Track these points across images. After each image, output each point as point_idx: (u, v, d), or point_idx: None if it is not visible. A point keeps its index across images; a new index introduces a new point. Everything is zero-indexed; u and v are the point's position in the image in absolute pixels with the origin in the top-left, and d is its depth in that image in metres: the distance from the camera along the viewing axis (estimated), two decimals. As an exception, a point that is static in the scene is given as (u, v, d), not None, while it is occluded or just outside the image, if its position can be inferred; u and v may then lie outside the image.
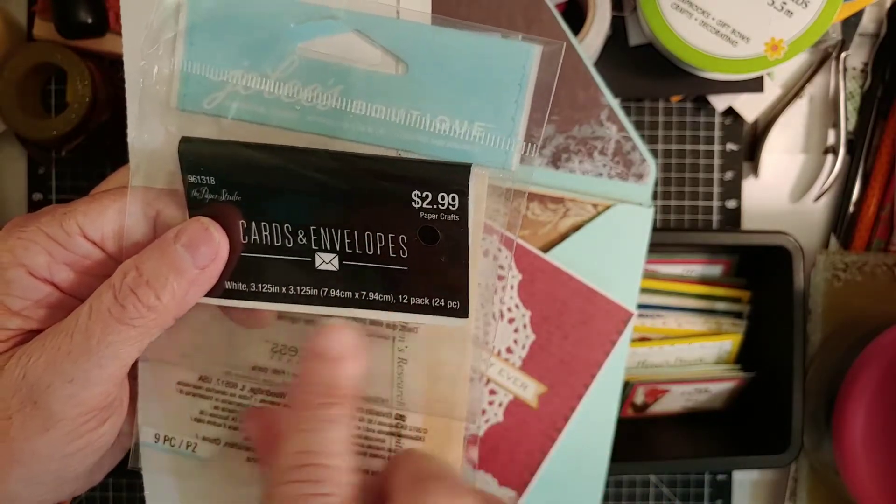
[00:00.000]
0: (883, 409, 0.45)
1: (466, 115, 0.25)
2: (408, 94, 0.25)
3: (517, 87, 0.25)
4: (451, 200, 0.24)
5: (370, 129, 0.25)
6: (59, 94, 0.49)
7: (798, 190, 0.53)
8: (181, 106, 0.25)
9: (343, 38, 0.25)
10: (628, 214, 0.39)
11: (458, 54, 0.25)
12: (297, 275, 0.25)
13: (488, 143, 0.25)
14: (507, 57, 0.25)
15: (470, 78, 0.25)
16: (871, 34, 0.52)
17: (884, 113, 0.52)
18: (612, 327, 0.39)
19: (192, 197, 0.25)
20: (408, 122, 0.25)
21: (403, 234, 0.25)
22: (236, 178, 0.25)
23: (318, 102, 0.25)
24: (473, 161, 0.25)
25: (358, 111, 0.25)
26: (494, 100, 0.25)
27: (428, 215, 0.24)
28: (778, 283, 0.48)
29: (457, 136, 0.25)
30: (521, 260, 0.38)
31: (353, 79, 0.25)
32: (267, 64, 0.25)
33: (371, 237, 0.25)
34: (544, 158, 0.39)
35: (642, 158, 0.39)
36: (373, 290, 0.26)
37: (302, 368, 0.25)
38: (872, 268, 0.51)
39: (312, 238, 0.25)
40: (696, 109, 0.52)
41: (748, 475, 0.54)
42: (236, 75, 0.25)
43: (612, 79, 0.49)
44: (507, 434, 0.39)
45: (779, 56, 0.45)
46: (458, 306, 0.26)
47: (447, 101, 0.25)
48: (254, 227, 0.25)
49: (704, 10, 0.44)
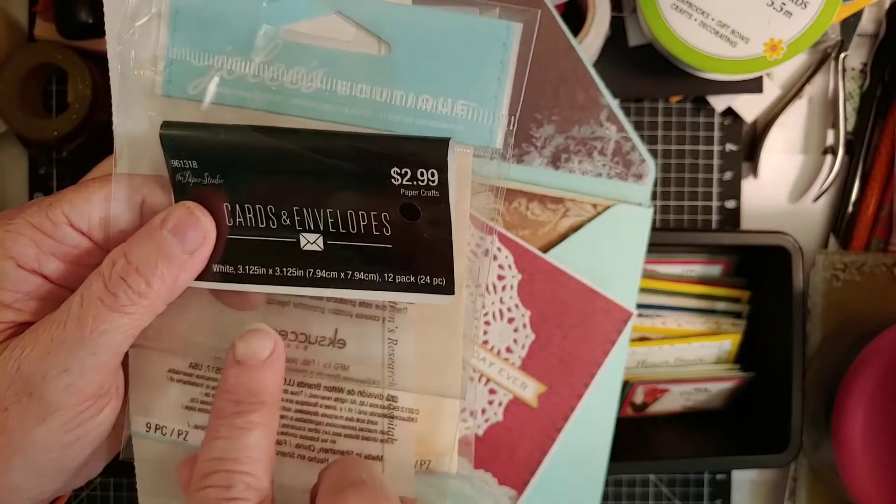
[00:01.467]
0: (882, 408, 0.45)
1: (449, 93, 0.25)
2: (391, 74, 0.25)
3: (499, 64, 0.25)
4: (431, 176, 0.24)
5: (355, 111, 0.25)
6: (59, 94, 0.49)
7: (797, 190, 0.54)
8: (166, 92, 0.25)
9: (326, 20, 0.25)
10: (628, 214, 0.39)
11: (440, 33, 0.25)
12: (282, 256, 0.26)
13: (472, 120, 0.26)
14: (488, 34, 0.25)
15: (452, 56, 0.25)
16: (870, 35, 0.52)
17: (883, 113, 0.52)
18: (611, 327, 0.39)
19: (176, 181, 0.25)
20: (391, 101, 0.25)
21: (385, 212, 0.25)
22: (218, 160, 0.25)
23: (303, 85, 0.25)
24: (458, 138, 0.25)
25: (342, 92, 0.25)
26: (477, 78, 0.25)
27: (409, 192, 0.24)
28: (777, 283, 0.48)
29: (440, 115, 0.25)
30: (521, 260, 0.38)
31: (336, 60, 0.25)
32: (250, 48, 0.25)
33: (353, 216, 0.25)
34: (544, 158, 0.39)
35: (642, 159, 0.40)
36: (358, 269, 0.26)
37: (222, 375, 0.25)
38: (871, 268, 0.51)
39: (296, 218, 0.25)
40: (695, 110, 0.52)
41: (747, 475, 0.54)
42: (220, 60, 0.25)
43: (611, 79, 0.49)
44: (506, 433, 0.39)
45: (778, 56, 0.45)
46: (443, 283, 0.26)
47: (430, 80, 0.25)
48: (238, 210, 0.25)
49: (704, 10, 0.45)
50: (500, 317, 0.39)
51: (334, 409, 0.28)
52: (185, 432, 0.28)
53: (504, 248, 0.38)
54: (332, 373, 0.28)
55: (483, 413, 0.39)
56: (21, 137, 0.47)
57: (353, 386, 0.28)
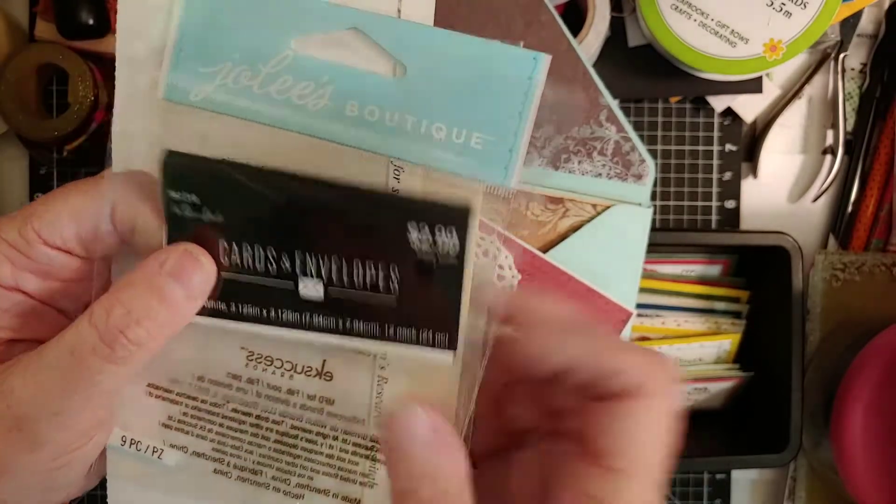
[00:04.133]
0: (881, 408, 0.45)
1: (465, 124, 0.24)
2: (404, 98, 0.24)
3: (522, 97, 0.24)
4: (450, 242, 0.23)
5: (362, 134, 0.24)
6: (60, 94, 0.49)
7: (797, 190, 0.54)
8: (167, 96, 0.24)
9: (340, 36, 0.24)
10: (627, 214, 0.39)
11: (460, 59, 0.24)
12: (279, 299, 0.24)
13: (487, 156, 0.24)
14: (512, 65, 0.24)
15: (471, 85, 0.24)
16: (869, 35, 0.52)
17: (882, 113, 0.52)
18: (611, 327, 0.39)
19: (171, 213, 0.24)
20: (402, 127, 0.24)
21: (396, 265, 0.24)
22: (221, 198, 0.23)
23: (310, 101, 0.24)
24: (468, 174, 0.24)
25: (350, 113, 0.24)
26: (497, 110, 0.24)
27: (424, 251, 0.23)
28: (777, 282, 0.48)
29: (453, 146, 0.24)
30: (521, 260, 0.38)
31: (347, 78, 0.24)
32: (258, 58, 0.24)
33: (360, 266, 0.24)
34: (544, 159, 0.39)
35: (641, 159, 0.40)
36: (358, 318, 0.25)
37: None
38: (871, 268, 0.51)
39: (297, 263, 0.24)
40: (695, 110, 0.52)
41: (747, 474, 0.54)
42: (225, 67, 0.24)
43: (611, 79, 0.49)
44: (506, 433, 0.39)
45: (777, 57, 0.45)
46: (445, 339, 0.25)
47: (445, 108, 0.24)
48: (235, 249, 0.24)
49: (703, 10, 0.45)
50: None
51: (315, 444, 0.27)
52: (161, 450, 0.27)
53: (503, 248, 0.38)
54: (317, 406, 0.26)
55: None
56: (21, 137, 0.47)
57: (337, 422, 0.26)
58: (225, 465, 0.27)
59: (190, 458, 0.27)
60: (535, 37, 0.39)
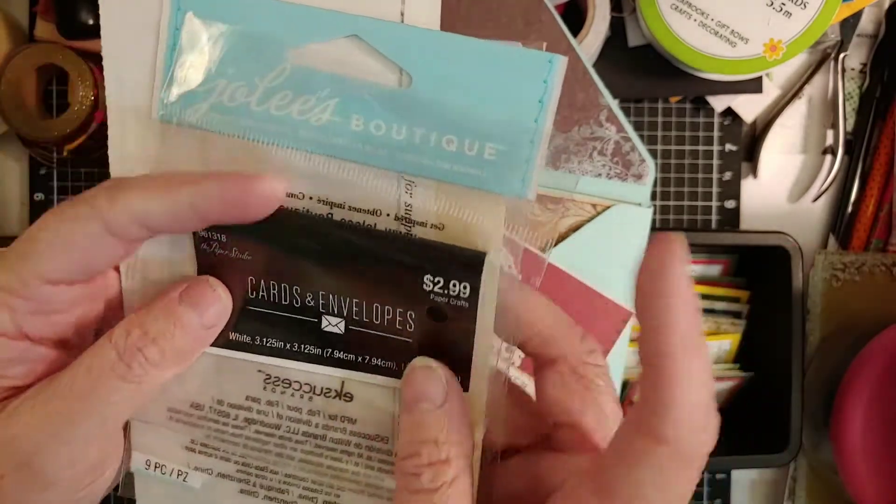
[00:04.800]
0: (881, 408, 0.45)
1: (478, 134, 0.22)
2: (411, 109, 0.23)
3: (537, 104, 0.22)
4: (463, 288, 0.23)
5: (368, 149, 0.23)
6: (60, 94, 0.49)
7: (797, 190, 0.54)
8: (162, 117, 0.23)
9: (340, 45, 0.23)
10: (627, 214, 0.39)
11: (470, 65, 0.22)
12: (302, 333, 0.25)
13: (502, 167, 0.23)
14: (526, 68, 0.22)
15: (483, 92, 0.22)
16: (869, 35, 0.52)
17: (882, 113, 0.52)
18: (611, 327, 0.39)
19: (201, 250, 0.24)
20: (410, 140, 0.23)
21: (411, 311, 0.24)
22: (249, 237, 0.24)
23: (311, 116, 0.23)
24: (485, 187, 0.23)
25: (356, 127, 0.23)
26: (511, 118, 0.22)
27: (438, 298, 0.23)
28: (776, 282, 0.48)
29: (466, 159, 0.23)
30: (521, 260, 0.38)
31: (350, 90, 0.23)
32: (254, 72, 0.23)
33: (379, 308, 0.24)
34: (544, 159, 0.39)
35: (641, 159, 0.40)
36: (377, 356, 0.25)
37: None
38: (871, 268, 0.51)
39: (320, 302, 0.24)
40: (695, 110, 0.52)
41: (747, 474, 0.54)
42: (220, 84, 0.23)
43: (611, 80, 0.49)
44: (506, 433, 0.39)
45: (777, 57, 0.45)
46: (459, 380, 0.25)
47: (456, 118, 0.22)
48: (262, 285, 0.24)
49: (703, 11, 0.45)
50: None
51: (340, 462, 0.26)
52: (185, 473, 0.27)
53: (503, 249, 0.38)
54: (339, 426, 0.26)
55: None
56: (22, 137, 0.47)
57: (361, 441, 0.26)
58: (251, 485, 0.27)
59: (215, 479, 0.27)
60: (535, 36, 0.39)
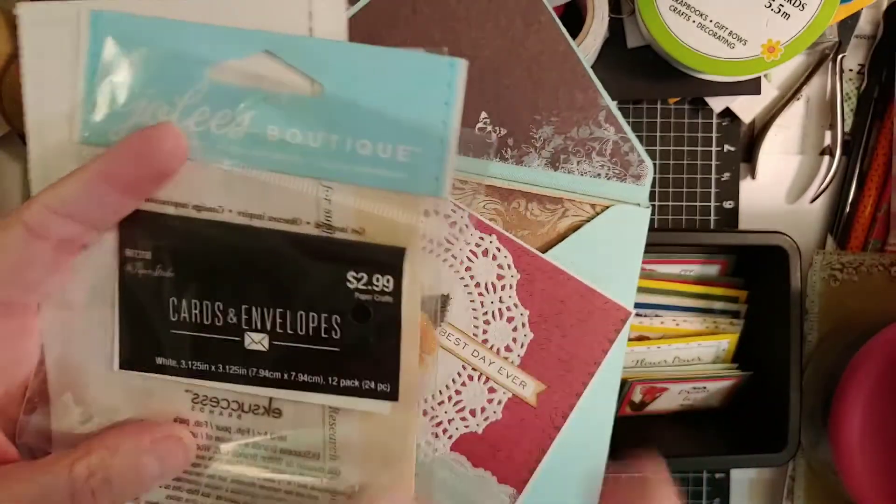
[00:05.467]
0: (879, 407, 0.46)
1: (390, 137, 0.24)
2: (324, 116, 0.23)
3: (444, 105, 0.23)
4: (386, 282, 0.24)
5: (286, 157, 0.24)
6: (61, 95, 0.49)
7: (795, 191, 0.54)
8: (84, 138, 0.24)
9: (254, 60, 0.24)
10: (626, 215, 0.39)
11: (377, 72, 0.23)
12: (225, 353, 0.25)
13: (416, 168, 0.24)
14: (430, 73, 0.23)
15: (392, 97, 0.23)
16: (867, 36, 0.53)
17: (880, 114, 0.52)
18: (610, 326, 0.39)
19: (125, 272, 0.24)
20: (327, 147, 0.24)
21: (336, 314, 0.24)
22: (173, 253, 0.24)
23: (229, 130, 0.24)
24: (400, 187, 0.24)
25: (273, 137, 0.24)
26: (420, 121, 0.23)
27: (363, 295, 0.24)
28: (775, 282, 0.48)
29: (381, 161, 0.24)
30: (520, 260, 0.39)
31: (264, 103, 0.24)
32: (174, 91, 0.23)
33: (304, 317, 0.24)
34: (543, 159, 0.40)
35: (640, 159, 0.40)
36: (302, 371, 0.25)
37: None
38: (869, 268, 0.51)
39: (243, 317, 0.24)
40: (693, 111, 0.52)
41: (746, 474, 0.54)
42: (141, 105, 0.23)
43: (610, 80, 0.49)
44: (506, 432, 0.39)
45: (775, 58, 0.45)
46: (388, 389, 0.25)
47: (368, 123, 0.23)
48: (184, 305, 0.24)
49: (702, 12, 0.45)
50: (499, 316, 0.39)
51: (273, 482, 0.26)
52: None
53: (503, 248, 0.39)
54: (269, 443, 0.26)
55: (482, 412, 0.39)
56: (23, 138, 0.47)
57: (292, 458, 0.26)
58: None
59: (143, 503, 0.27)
60: (534, 37, 0.39)
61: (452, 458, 0.39)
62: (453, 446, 0.39)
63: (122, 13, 0.23)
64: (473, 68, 0.39)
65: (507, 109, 0.39)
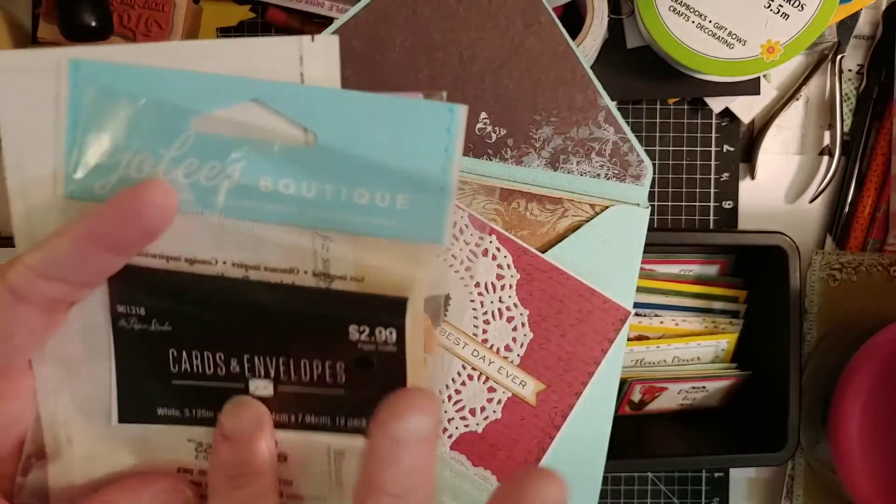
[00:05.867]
0: (879, 407, 0.46)
1: (388, 186, 0.23)
2: (318, 166, 0.23)
3: (443, 152, 0.23)
4: (389, 334, 0.23)
5: (279, 208, 0.23)
6: (62, 95, 0.49)
7: (794, 191, 0.54)
8: (69, 193, 0.23)
9: (243, 109, 0.23)
10: (625, 215, 0.40)
11: (374, 120, 0.23)
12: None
13: (415, 216, 0.23)
14: (428, 120, 0.23)
15: (389, 145, 0.23)
16: (866, 36, 0.53)
17: (879, 114, 0.52)
18: (609, 326, 0.39)
19: (119, 328, 0.24)
20: (321, 196, 0.23)
21: (340, 362, 0.24)
22: (168, 308, 0.23)
23: (219, 181, 0.23)
24: (399, 236, 0.23)
25: (265, 188, 0.23)
26: (419, 169, 0.23)
27: (365, 346, 0.23)
28: (774, 282, 0.48)
29: (379, 210, 0.23)
30: (520, 259, 0.39)
31: (255, 153, 0.23)
32: (159, 143, 0.22)
33: (307, 364, 0.24)
34: (543, 159, 0.40)
35: (639, 159, 0.40)
36: (309, 413, 0.25)
37: (212, 452, 0.24)
38: (868, 268, 0.52)
39: (246, 366, 0.24)
40: (692, 111, 0.52)
41: (745, 473, 0.54)
42: (126, 157, 0.22)
43: (609, 81, 0.49)
44: (506, 431, 0.39)
45: (775, 58, 0.45)
46: None
47: (364, 171, 0.23)
48: (184, 356, 0.24)
49: (701, 12, 0.45)
50: (498, 316, 0.39)
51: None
52: None
53: (503, 248, 0.39)
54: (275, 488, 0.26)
55: (482, 411, 0.39)
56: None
57: (299, 503, 0.26)
58: None
59: None
60: (533, 38, 0.39)
61: (452, 458, 0.39)
62: (453, 445, 0.39)
63: (103, 63, 0.22)
64: (473, 68, 0.39)
65: (507, 109, 0.39)
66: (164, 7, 0.46)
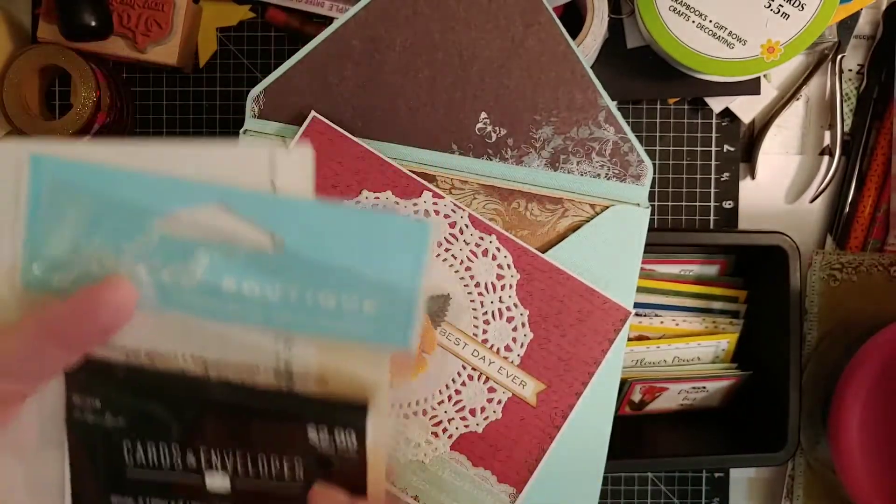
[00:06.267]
0: (879, 407, 0.46)
1: (355, 292, 0.23)
2: (285, 271, 0.23)
3: (414, 263, 0.23)
4: (349, 435, 0.23)
5: (242, 308, 0.23)
6: (62, 95, 0.49)
7: (794, 191, 0.54)
8: (26, 284, 0.23)
9: (206, 212, 0.23)
10: (625, 215, 0.40)
11: (344, 231, 0.23)
12: (186, 494, 0.24)
13: (383, 321, 0.23)
14: (399, 235, 0.23)
15: (359, 256, 0.23)
16: (866, 36, 0.53)
17: (879, 114, 0.52)
18: (609, 326, 0.39)
19: (74, 419, 0.23)
20: (286, 299, 0.23)
21: (299, 459, 0.24)
22: (124, 403, 0.23)
23: (182, 279, 0.22)
24: (366, 339, 0.23)
25: (228, 289, 0.22)
26: (389, 278, 0.23)
27: (325, 447, 0.24)
28: (774, 282, 0.48)
29: (346, 314, 0.23)
30: (520, 260, 0.39)
31: (219, 254, 0.22)
32: (121, 240, 0.22)
33: (265, 459, 0.24)
34: (543, 159, 0.40)
35: (639, 159, 0.40)
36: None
37: None
38: (868, 268, 0.52)
39: (202, 459, 0.24)
40: (693, 111, 0.52)
41: (745, 473, 0.54)
42: (87, 253, 0.22)
43: (609, 81, 0.49)
44: (506, 431, 0.39)
45: (775, 58, 0.45)
46: None
47: (332, 276, 0.23)
48: (139, 448, 0.24)
49: (701, 12, 0.45)
50: (498, 316, 0.39)
51: None
52: None
53: (503, 248, 0.39)
54: None
55: (482, 411, 0.39)
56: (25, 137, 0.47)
57: None
58: None
59: None
60: (533, 38, 0.39)
61: (452, 458, 0.39)
62: (453, 446, 0.39)
63: (64, 160, 0.22)
64: (473, 68, 0.39)
65: (507, 109, 0.39)
66: (163, 7, 0.46)
